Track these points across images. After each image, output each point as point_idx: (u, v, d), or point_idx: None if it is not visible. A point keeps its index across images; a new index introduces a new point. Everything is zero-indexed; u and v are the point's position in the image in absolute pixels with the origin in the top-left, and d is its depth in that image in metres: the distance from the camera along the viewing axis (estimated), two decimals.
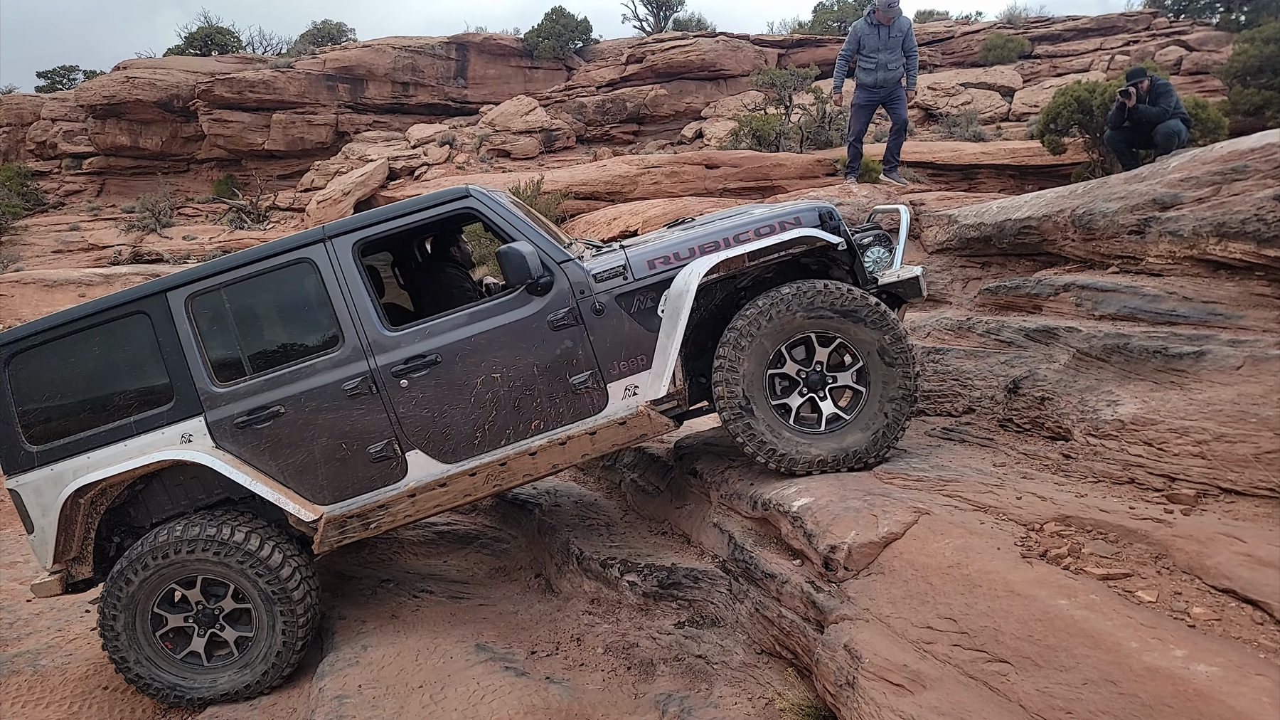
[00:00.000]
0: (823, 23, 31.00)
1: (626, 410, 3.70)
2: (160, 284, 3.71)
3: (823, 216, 3.90)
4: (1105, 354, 3.90)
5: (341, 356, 3.64)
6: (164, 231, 21.83)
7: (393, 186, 21.95)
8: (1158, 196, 4.52)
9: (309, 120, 26.11)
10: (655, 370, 3.68)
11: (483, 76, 28.36)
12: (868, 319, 3.63)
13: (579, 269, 3.72)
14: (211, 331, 3.68)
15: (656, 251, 3.77)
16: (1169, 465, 3.16)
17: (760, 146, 19.37)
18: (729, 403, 3.63)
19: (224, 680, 3.68)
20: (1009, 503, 3.09)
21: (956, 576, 2.66)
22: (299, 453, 3.63)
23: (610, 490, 5.29)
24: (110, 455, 3.62)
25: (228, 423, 3.62)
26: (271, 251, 3.70)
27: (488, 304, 3.71)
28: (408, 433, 3.65)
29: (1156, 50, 23.25)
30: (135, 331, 3.68)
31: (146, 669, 3.65)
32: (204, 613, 3.70)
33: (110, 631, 3.62)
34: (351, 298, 3.67)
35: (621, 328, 3.69)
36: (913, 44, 7.86)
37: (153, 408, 3.66)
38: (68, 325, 3.68)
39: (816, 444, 3.69)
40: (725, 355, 3.63)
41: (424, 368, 3.63)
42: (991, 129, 20.86)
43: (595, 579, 4.05)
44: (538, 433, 3.70)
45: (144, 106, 25.76)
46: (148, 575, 3.58)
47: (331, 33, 31.16)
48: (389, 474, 3.67)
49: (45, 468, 3.65)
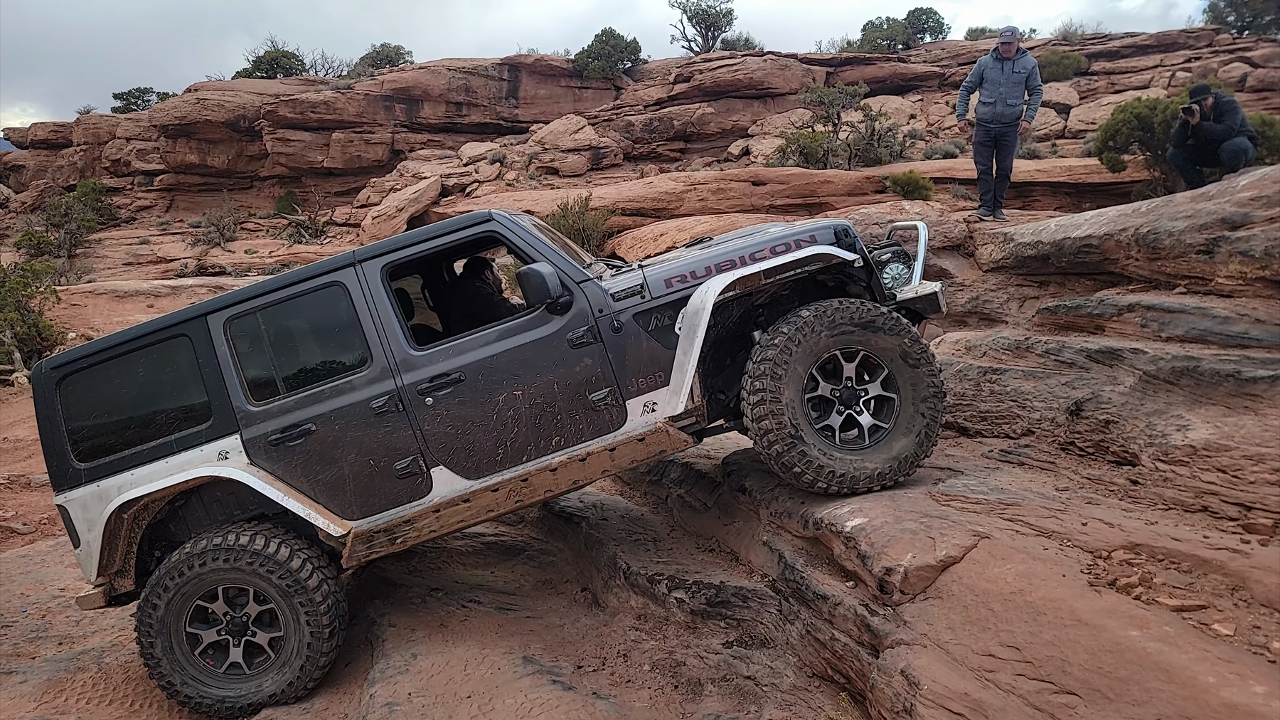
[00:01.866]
0: (872, 41, 30.87)
1: (645, 427, 3.73)
2: (200, 308, 3.87)
3: (838, 234, 3.92)
4: (1174, 377, 3.77)
5: (370, 375, 3.74)
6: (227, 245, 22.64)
7: (445, 203, 22.42)
8: (1227, 215, 4.37)
9: (366, 139, 26.90)
10: (673, 387, 3.72)
11: (533, 96, 28.90)
12: (885, 327, 3.66)
13: (597, 288, 3.77)
14: (248, 352, 3.82)
15: (673, 270, 3.81)
16: (1244, 493, 3.03)
17: (808, 164, 19.30)
18: (779, 434, 3.60)
19: (269, 683, 3.75)
20: (1074, 528, 2.99)
21: (1020, 603, 2.58)
22: (329, 469, 3.73)
23: (657, 505, 5.27)
24: (151, 472, 3.75)
25: (262, 440, 3.73)
26: (304, 276, 3.85)
27: (509, 323, 3.79)
28: (432, 449, 3.73)
29: (1219, 67, 22.59)
30: (177, 353, 3.84)
31: (194, 688, 3.75)
32: (233, 622, 3.79)
33: (153, 659, 3.72)
34: (380, 319, 3.78)
35: (639, 345, 3.74)
36: (1037, 82, 7.97)
37: (192, 426, 3.79)
38: (115, 348, 3.85)
39: (869, 458, 3.66)
40: (764, 387, 3.61)
41: (448, 386, 3.71)
42: (1047, 146, 20.45)
43: (642, 594, 4.03)
44: (558, 449, 3.75)
45: (212, 126, 26.86)
46: (170, 596, 3.70)
47: (390, 55, 32.10)
48: (414, 490, 3.75)
49: (92, 484, 3.78)
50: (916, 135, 22.41)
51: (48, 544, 6.28)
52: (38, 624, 4.81)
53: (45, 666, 4.25)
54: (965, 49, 28.45)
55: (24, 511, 7.09)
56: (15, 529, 6.73)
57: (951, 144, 20.42)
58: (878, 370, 3.74)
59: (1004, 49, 7.99)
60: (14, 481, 7.73)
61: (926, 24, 31.75)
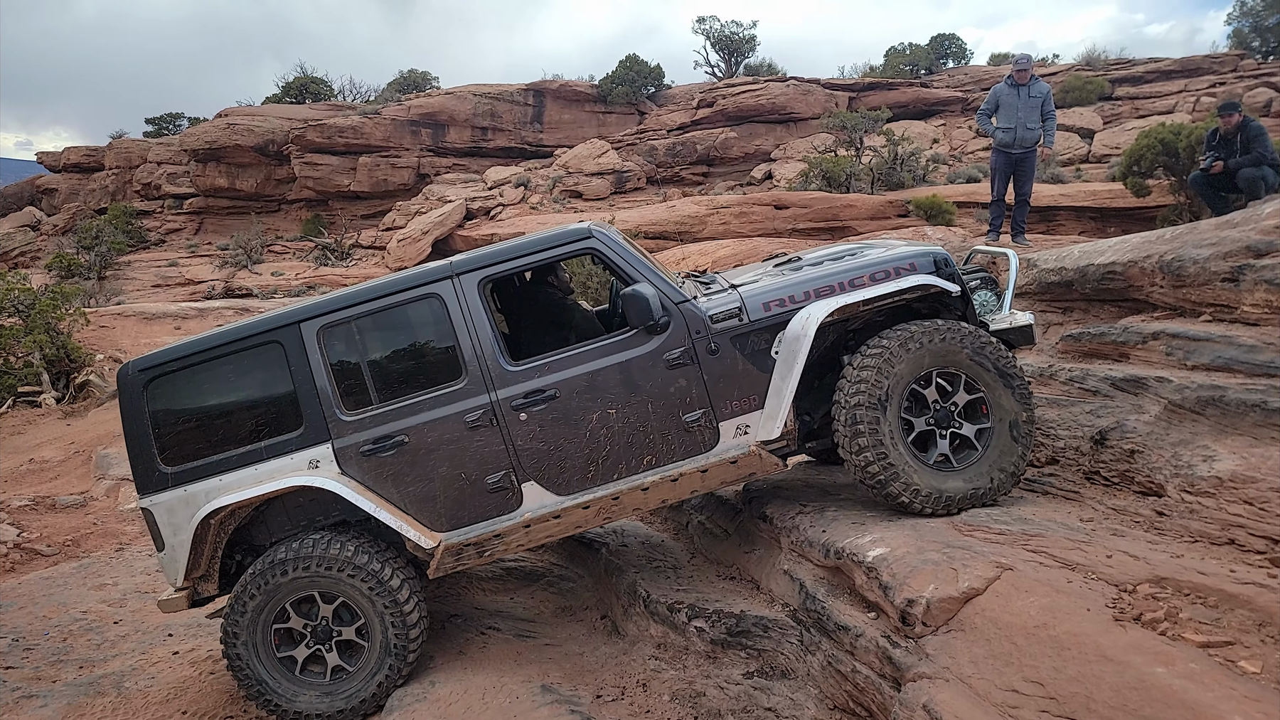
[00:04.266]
0: (894, 66, 31.01)
1: (738, 449, 3.76)
2: (294, 315, 3.85)
3: (938, 263, 3.93)
4: (1200, 406, 3.73)
5: (464, 389, 3.74)
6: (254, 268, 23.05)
7: (469, 226, 22.73)
8: (1252, 244, 4.34)
9: (392, 163, 27.37)
10: (768, 411, 3.74)
11: (558, 121, 29.29)
12: (986, 353, 3.67)
13: (695, 310, 3.79)
14: (341, 361, 3.81)
15: (772, 294, 3.84)
16: (1271, 526, 2.98)
17: (830, 188, 19.37)
18: (875, 455, 3.60)
19: (348, 692, 3.75)
20: (1099, 561, 2.96)
21: (1043, 637, 2.55)
22: (420, 481, 3.73)
23: (677, 531, 5.27)
24: (241, 479, 3.74)
25: (353, 450, 3.73)
26: (401, 286, 3.84)
27: (606, 341, 3.79)
28: (524, 465, 3.74)
29: (1244, 92, 22.43)
30: (269, 359, 3.82)
31: (280, 694, 3.73)
32: (317, 630, 3.79)
33: (238, 660, 3.72)
34: (476, 332, 3.78)
35: (735, 368, 3.76)
36: (1051, 108, 8.11)
37: (282, 433, 3.78)
38: (205, 352, 3.83)
39: (960, 479, 3.65)
40: (862, 405, 3.60)
41: (542, 402, 3.72)
42: (1070, 171, 20.35)
43: (662, 623, 4.03)
44: (649, 468, 3.77)
45: (241, 151, 27.48)
46: (260, 599, 3.69)
47: (417, 81, 32.71)
48: (504, 504, 3.76)
49: (179, 488, 3.77)
50: (939, 159, 22.41)
51: (71, 566, 6.34)
52: (59, 647, 4.85)
53: (65, 691, 4.27)
54: (988, 74, 28.49)
55: (48, 533, 7.16)
56: (39, 550, 6.81)
57: (975, 168, 20.38)
58: (974, 393, 3.72)
59: (1019, 75, 8.05)
60: (39, 503, 7.83)
61: (949, 50, 31.85)
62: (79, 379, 12.34)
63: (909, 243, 4.43)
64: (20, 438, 10.56)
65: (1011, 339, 3.93)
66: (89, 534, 7.16)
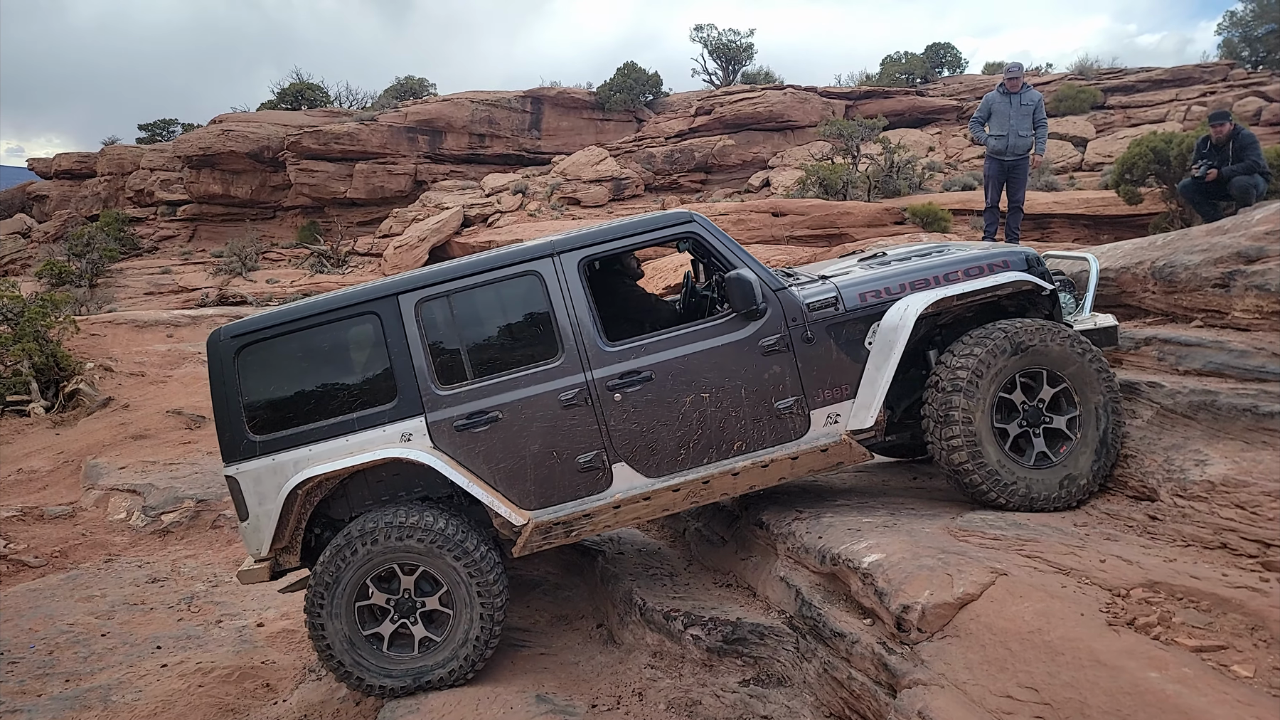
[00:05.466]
0: (890, 75, 31.15)
1: (828, 438, 3.81)
2: (392, 286, 3.84)
3: (1030, 261, 4.02)
4: (1191, 411, 3.75)
5: (560, 367, 3.76)
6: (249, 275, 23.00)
7: (466, 233, 22.72)
8: (1242, 249, 4.37)
9: (389, 170, 27.38)
10: (861, 401, 3.80)
11: (556, 128, 29.33)
12: (1082, 354, 3.71)
13: (792, 297, 3.85)
14: (437, 335, 3.80)
15: (868, 285, 3.90)
16: (1263, 530, 3.00)
17: (827, 195, 19.43)
18: (968, 450, 3.63)
19: (431, 664, 3.72)
20: (1092, 565, 2.97)
21: (1038, 643, 2.56)
22: (511, 458, 3.73)
23: (674, 538, 5.27)
24: (332, 449, 3.71)
25: (447, 424, 3.72)
26: (501, 263, 3.85)
27: (703, 325, 3.83)
28: (616, 445, 3.76)
29: (1234, 101, 22.59)
30: (364, 330, 3.82)
31: (363, 668, 3.70)
32: (402, 602, 3.75)
33: (340, 665, 3.66)
34: (575, 311, 3.79)
35: (829, 357, 3.81)
36: (1043, 116, 8.18)
37: (374, 405, 3.76)
38: (299, 320, 3.81)
39: (1049, 477, 3.69)
40: (957, 403, 3.64)
41: (638, 383, 3.74)
42: (1064, 179, 20.45)
43: (658, 631, 4.02)
44: (739, 453, 3.81)
45: (236, 157, 27.45)
46: (352, 567, 3.64)
47: (414, 87, 32.74)
48: (594, 484, 3.78)
49: (267, 457, 3.73)
50: (935, 167, 22.50)
51: (58, 578, 6.27)
52: (45, 660, 4.79)
53: (51, 705, 4.22)
54: (983, 83, 28.62)
55: (36, 544, 7.08)
56: (26, 562, 6.74)
57: (970, 176, 20.47)
58: (1039, 379, 3.75)
59: (1010, 83, 8.12)
60: (27, 514, 7.74)
61: (944, 59, 32.03)
62: (68, 388, 12.22)
63: (992, 243, 4.48)
64: (8, 447, 10.44)
65: (1095, 339, 3.98)
66: (77, 545, 7.11)
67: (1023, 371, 3.72)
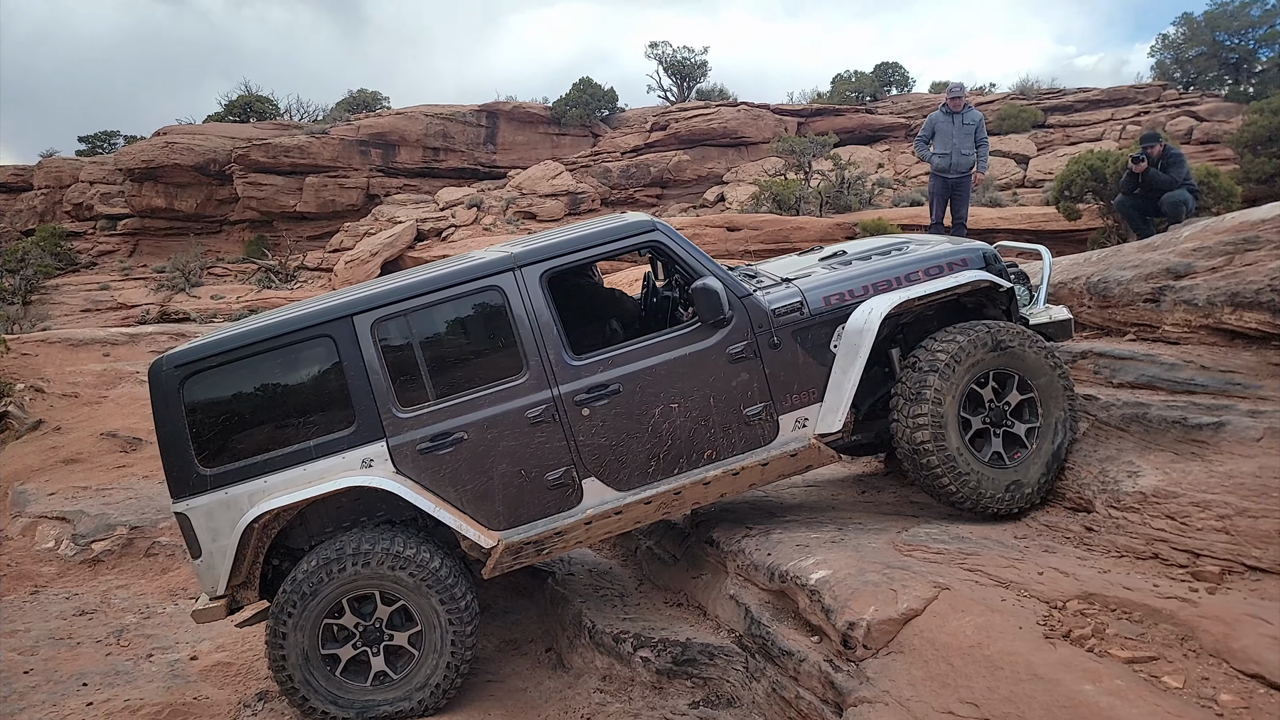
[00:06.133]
0: (840, 93, 31.75)
1: (797, 442, 3.81)
2: (346, 307, 3.70)
3: (987, 258, 4.07)
4: (1124, 423, 3.85)
5: (526, 384, 3.67)
6: (192, 291, 22.38)
7: (420, 247, 22.46)
8: (1171, 265, 4.52)
9: (340, 183, 26.94)
10: (829, 404, 3.80)
11: (511, 142, 29.22)
12: (1041, 352, 3.77)
13: (758, 303, 3.82)
14: (396, 356, 3.68)
15: (831, 288, 3.91)
16: (1192, 540, 3.08)
17: (781, 210, 19.70)
18: (934, 449, 3.64)
19: (395, 696, 3.60)
20: (1031, 578, 3.02)
21: (978, 657, 2.59)
22: (478, 479, 3.64)
23: (626, 558, 5.22)
24: (289, 480, 3.57)
25: (409, 448, 3.62)
26: (460, 278, 3.74)
27: (669, 335, 3.79)
28: (585, 460, 3.69)
29: (1167, 121, 23.55)
30: (318, 354, 3.68)
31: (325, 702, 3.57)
32: (367, 631, 3.62)
33: (289, 679, 3.51)
34: (539, 326, 3.71)
35: (795, 361, 3.81)
36: (984, 135, 8.47)
37: (332, 431, 3.64)
38: (248, 346, 3.65)
39: (1012, 476, 3.74)
40: (927, 399, 3.65)
41: (605, 397, 3.68)
42: (1008, 195, 21.05)
43: (608, 654, 3.97)
44: (710, 462, 3.77)
45: (181, 170, 26.73)
46: (311, 602, 3.50)
47: (367, 100, 32.33)
48: (564, 501, 3.71)
49: (219, 491, 3.58)
50: (885, 183, 22.97)
51: None
52: None
53: None
54: (930, 101, 29.35)
55: None
56: None
57: (918, 192, 20.93)
58: (1009, 383, 3.80)
59: (952, 103, 8.36)
60: None
61: (893, 78, 32.76)
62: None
63: (950, 239, 4.56)
64: None
65: (1051, 332, 4.04)
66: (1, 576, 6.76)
67: (997, 370, 3.77)
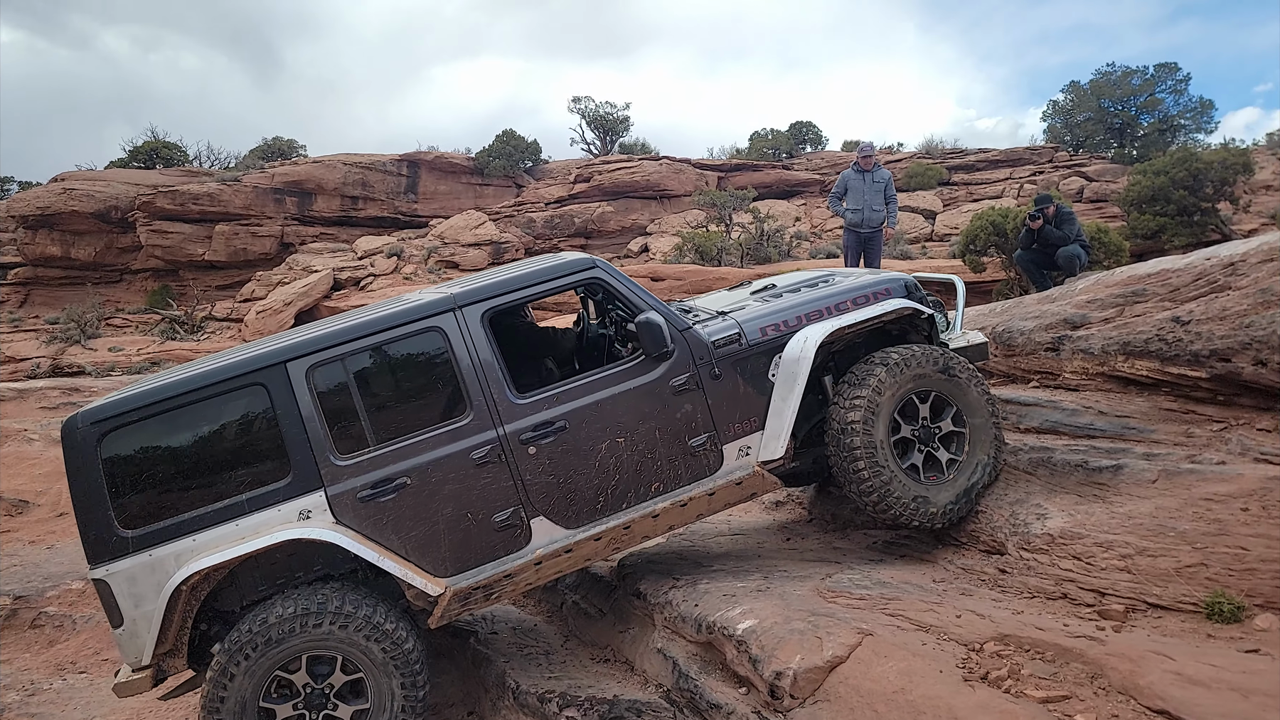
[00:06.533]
0: (758, 149, 33.01)
1: (742, 470, 3.86)
2: (278, 354, 3.57)
3: (909, 287, 4.25)
4: (1032, 467, 4.03)
5: (470, 425, 3.61)
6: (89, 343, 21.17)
7: (337, 297, 21.93)
8: (1068, 316, 4.81)
9: (253, 232, 26.16)
10: (770, 431, 3.87)
11: (433, 192, 29.07)
12: (962, 373, 3.96)
13: (698, 336, 3.89)
14: (333, 402, 3.56)
15: (767, 319, 4.02)
16: (1098, 580, 3.22)
17: (703, 261, 20.16)
18: (869, 468, 3.76)
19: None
20: (949, 621, 3.08)
21: (902, 703, 2.61)
22: (423, 524, 3.53)
23: (551, 614, 5.09)
24: (219, 536, 3.39)
25: (349, 496, 3.49)
26: (398, 320, 3.67)
27: (612, 371, 3.79)
28: (533, 499, 3.65)
29: (1060, 180, 25.34)
30: (249, 404, 3.53)
31: None
32: (312, 696, 3.42)
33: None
34: (482, 366, 3.67)
35: (737, 391, 3.87)
36: (893, 192, 8.91)
37: (266, 484, 3.48)
38: (172, 399, 3.46)
39: (943, 493, 3.87)
40: (857, 420, 3.77)
41: (552, 434, 3.65)
42: (917, 248, 22.12)
43: (532, 715, 3.83)
44: (658, 495, 3.78)
45: (79, 217, 25.46)
46: (253, 665, 3.29)
47: (283, 148, 31.72)
48: (513, 542, 3.63)
49: (141, 553, 3.37)
50: (802, 236, 23.85)
51: None
52: None
53: None
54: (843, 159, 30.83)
55: None
56: None
57: (833, 245, 21.79)
58: (947, 411, 3.94)
59: (863, 161, 8.79)
60: None
61: (807, 135, 34.30)
62: None
63: (871, 271, 4.75)
64: None
65: (970, 355, 4.24)
66: None
67: (939, 394, 3.93)
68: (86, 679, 5.56)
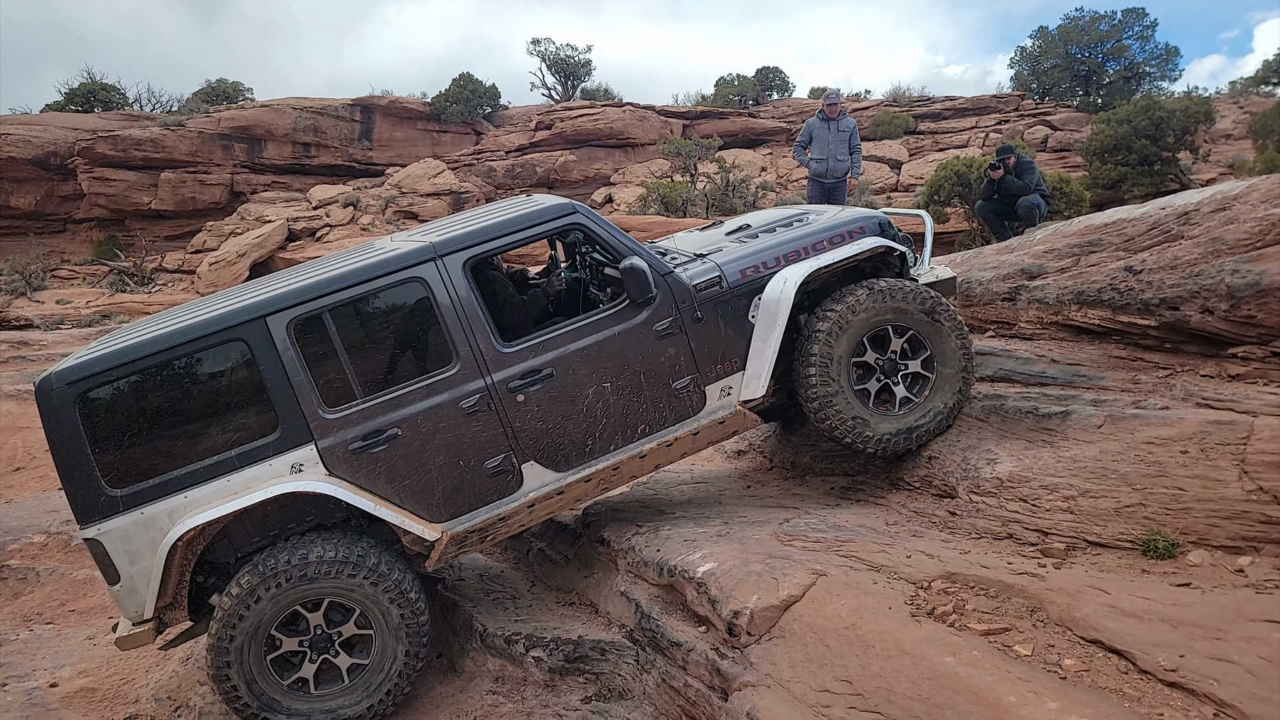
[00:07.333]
0: (724, 96, 32.51)
1: (724, 410, 3.98)
2: (255, 308, 3.52)
3: (882, 225, 4.32)
4: (984, 414, 4.15)
5: (458, 375, 3.65)
6: (35, 295, 20.42)
7: (292, 248, 21.39)
8: (1025, 266, 4.90)
9: (201, 180, 25.22)
10: (751, 372, 3.98)
11: (389, 139, 28.21)
12: (935, 308, 4.05)
13: (680, 279, 3.93)
14: (317, 355, 3.56)
15: (746, 261, 4.07)
16: (1042, 520, 3.36)
17: (668, 212, 20.01)
18: (829, 397, 3.93)
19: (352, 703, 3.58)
20: (899, 561, 3.20)
21: (852, 638, 2.72)
22: (416, 473, 3.61)
23: (517, 561, 5.17)
24: (212, 492, 3.43)
25: (341, 449, 3.54)
26: (378, 271, 3.65)
27: (597, 316, 3.83)
28: (523, 445, 3.73)
29: (1025, 129, 25.44)
30: (229, 358, 3.52)
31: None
32: (319, 639, 3.56)
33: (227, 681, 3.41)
34: (466, 315, 3.68)
35: (718, 333, 3.95)
36: (857, 142, 8.86)
37: (255, 439, 3.49)
38: (148, 358, 3.42)
39: (904, 420, 4.05)
40: (819, 353, 3.91)
41: (539, 381, 3.72)
42: (882, 199, 22.19)
43: (500, 656, 3.93)
44: (644, 436, 3.89)
45: (16, 164, 24.29)
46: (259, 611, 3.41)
47: (227, 91, 30.40)
48: (505, 487, 3.74)
49: (133, 511, 3.40)
50: (768, 186, 23.72)
51: None
52: None
53: None
54: (809, 106, 30.52)
55: None
56: None
57: (799, 195, 21.74)
58: (920, 353, 4.06)
59: (828, 109, 8.73)
60: None
61: (774, 82, 33.84)
62: None
63: (844, 208, 4.78)
64: None
65: (939, 290, 4.33)
66: None
67: (915, 332, 4.03)
68: (54, 629, 5.54)
